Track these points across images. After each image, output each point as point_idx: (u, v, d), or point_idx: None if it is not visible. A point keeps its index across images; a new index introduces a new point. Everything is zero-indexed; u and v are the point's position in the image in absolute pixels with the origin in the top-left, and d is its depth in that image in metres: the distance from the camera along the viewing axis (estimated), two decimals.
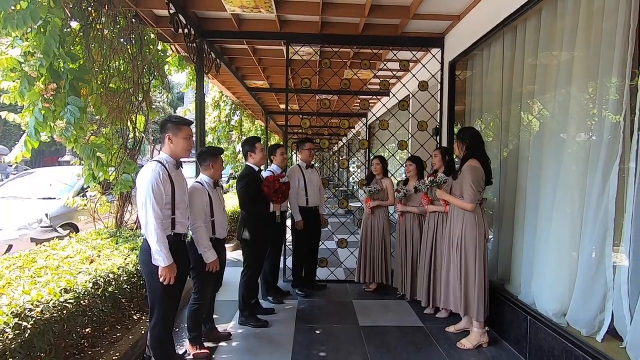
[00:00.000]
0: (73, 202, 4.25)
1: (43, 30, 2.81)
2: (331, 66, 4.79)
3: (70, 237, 3.64)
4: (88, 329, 2.80)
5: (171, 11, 3.59)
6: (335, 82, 5.81)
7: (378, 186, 4.35)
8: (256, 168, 3.59)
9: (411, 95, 5.01)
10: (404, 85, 4.95)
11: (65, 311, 2.27)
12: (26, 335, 1.96)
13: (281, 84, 7.19)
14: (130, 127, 4.23)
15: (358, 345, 3.19)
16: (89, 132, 3.95)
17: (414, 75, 4.81)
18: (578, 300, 2.53)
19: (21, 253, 3.01)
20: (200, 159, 3.03)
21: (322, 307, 4.02)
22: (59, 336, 2.29)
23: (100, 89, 3.69)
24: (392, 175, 4.83)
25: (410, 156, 4.19)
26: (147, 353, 2.66)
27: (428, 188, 3.37)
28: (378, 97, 6.96)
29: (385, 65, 4.92)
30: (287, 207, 4.23)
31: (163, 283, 2.38)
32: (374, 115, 6.37)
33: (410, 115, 4.99)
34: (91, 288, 2.58)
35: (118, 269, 2.97)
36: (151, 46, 4.32)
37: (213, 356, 2.96)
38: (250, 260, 3.54)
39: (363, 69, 5.05)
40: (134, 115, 4.23)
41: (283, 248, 4.46)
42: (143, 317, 3.32)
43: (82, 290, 2.47)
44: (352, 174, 13.46)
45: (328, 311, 3.92)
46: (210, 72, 5.07)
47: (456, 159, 3.66)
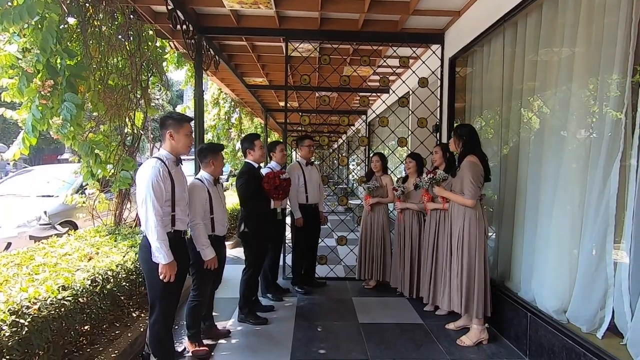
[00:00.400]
0: (72, 200, 4.24)
1: (40, 26, 2.78)
2: (330, 63, 4.77)
3: (69, 235, 3.63)
4: (87, 327, 2.79)
5: (169, 7, 3.56)
6: (334, 79, 5.79)
7: (377, 183, 4.33)
8: (256, 165, 3.57)
9: (411, 92, 4.98)
10: (404, 82, 4.93)
11: (63, 309, 2.26)
12: (23, 332, 1.95)
13: (280, 81, 7.17)
14: (128, 124, 4.21)
15: (358, 342, 3.19)
16: (88, 130, 3.94)
17: (414, 72, 4.79)
18: (578, 297, 2.52)
19: (19, 251, 2.99)
20: (200, 156, 3.01)
21: (322, 305, 4.02)
22: (57, 334, 2.28)
23: (98, 86, 3.66)
24: (392, 172, 4.81)
25: (410, 153, 4.18)
26: (146, 350, 2.65)
27: (428, 185, 3.34)
28: (378, 95, 6.95)
29: (385, 61, 4.90)
30: (287, 205, 4.21)
31: (163, 280, 2.37)
32: (374, 112, 6.35)
33: (410, 112, 4.97)
34: (89, 285, 2.57)
35: (116, 267, 2.96)
36: (149, 43, 4.29)
37: (212, 353, 2.95)
38: (251, 258, 3.53)
39: (363, 66, 5.02)
40: (133, 112, 4.21)
41: (283, 245, 4.45)
42: (142, 315, 3.31)
43: (80, 287, 2.46)
44: (352, 172, 13.45)
45: (328, 308, 3.91)
46: (209, 69, 5.05)
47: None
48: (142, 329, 3.01)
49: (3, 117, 3.33)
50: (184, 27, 3.96)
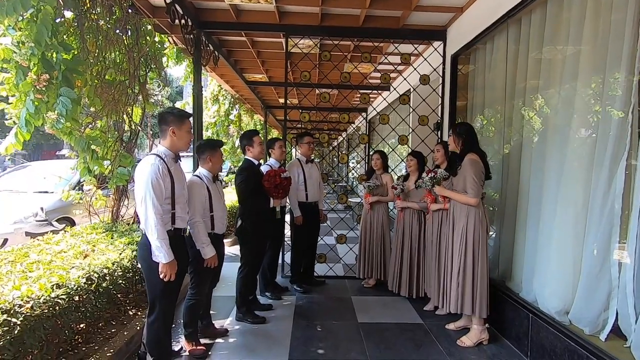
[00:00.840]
0: (68, 196, 4.18)
1: (35, 19, 2.72)
2: (331, 59, 4.71)
3: (65, 232, 3.58)
4: (82, 325, 2.75)
5: (168, 1, 3.51)
6: (335, 76, 5.73)
7: (377, 181, 4.29)
8: (255, 162, 3.52)
9: (412, 89, 4.93)
10: (405, 79, 4.87)
11: (57, 307, 2.22)
12: (15, 332, 1.90)
13: (280, 78, 7.11)
14: (126, 120, 4.15)
15: (357, 342, 3.15)
16: (84, 125, 3.89)
17: (416, 68, 4.73)
18: (581, 298, 2.48)
19: (14, 247, 2.95)
20: (198, 152, 2.96)
21: (321, 304, 3.98)
22: (51, 332, 2.24)
23: (95, 81, 3.61)
24: (393, 170, 4.76)
25: (411, 151, 4.13)
26: (142, 350, 2.61)
27: (430, 185, 3.28)
28: (379, 92, 6.89)
29: (386, 58, 4.84)
30: (286, 202, 4.17)
31: (163, 279, 2.33)
32: (374, 109, 6.29)
33: (411, 109, 4.92)
34: (84, 283, 2.52)
35: (112, 264, 2.91)
36: (148, 37, 4.23)
37: (209, 353, 2.92)
38: (248, 256, 3.49)
39: (364, 62, 4.97)
40: (130, 107, 4.16)
41: (282, 243, 4.40)
42: (139, 313, 3.27)
43: (75, 286, 2.41)
44: (352, 170, 13.40)
45: (326, 307, 3.87)
46: (208, 65, 4.99)
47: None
48: (139, 328, 2.96)
49: (2, 112, 3.27)
50: (183, 22, 3.91)
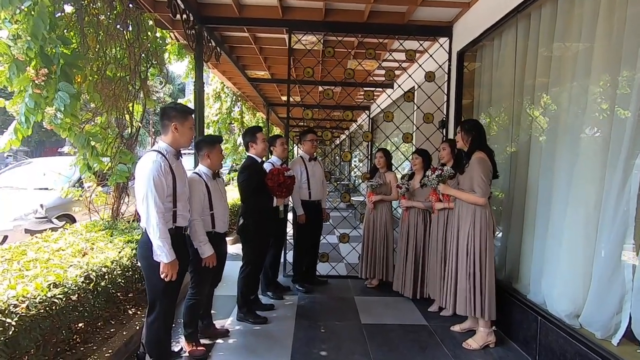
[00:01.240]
0: (67, 193, 4.13)
1: (33, 12, 2.66)
2: (335, 55, 4.64)
3: (64, 229, 3.53)
4: (81, 324, 2.70)
5: None
6: (338, 73, 5.66)
7: (381, 180, 4.22)
8: (258, 159, 3.46)
9: (417, 86, 4.85)
10: (410, 75, 4.79)
11: (53, 307, 2.16)
12: (10, 332, 1.85)
13: (283, 75, 7.03)
14: (126, 116, 4.09)
15: (360, 343, 3.09)
16: (84, 121, 3.83)
17: (421, 65, 4.65)
18: (593, 301, 2.40)
19: (11, 245, 2.90)
20: (196, 149, 2.91)
21: (323, 304, 3.92)
22: (48, 332, 2.19)
23: (95, 76, 3.55)
24: (397, 169, 4.69)
25: (416, 149, 4.05)
26: (141, 350, 2.56)
27: (435, 183, 3.18)
28: (382, 89, 6.80)
29: (390, 54, 4.76)
30: (289, 201, 4.10)
31: (164, 279, 2.28)
32: (379, 106, 6.22)
33: (415, 107, 4.83)
34: (82, 282, 2.47)
35: (112, 263, 2.85)
36: (149, 33, 4.16)
37: (210, 354, 2.86)
38: (250, 255, 3.42)
39: (368, 59, 4.88)
40: (131, 103, 4.10)
41: (284, 242, 4.34)
42: (138, 312, 3.22)
43: (73, 285, 2.36)
44: (354, 168, 13.31)
45: (329, 308, 3.81)
46: (209, 61, 4.92)
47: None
48: (138, 328, 2.91)
49: (3, 108, 3.22)
50: (184, 17, 3.84)
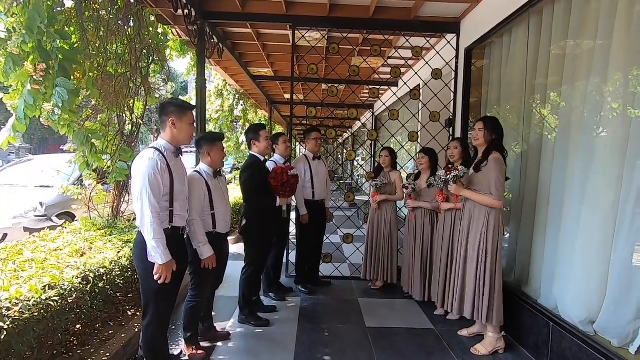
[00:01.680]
0: (67, 190, 4.06)
1: (29, 5, 2.58)
2: (339, 52, 4.54)
3: (63, 228, 3.46)
4: (78, 326, 2.63)
5: None
6: (342, 70, 5.56)
7: (386, 179, 4.12)
8: (261, 157, 3.37)
9: (423, 83, 4.75)
10: (416, 73, 4.69)
11: (48, 310, 2.09)
12: (2, 337, 1.77)
13: (285, 72, 6.95)
14: (127, 113, 4.02)
15: (365, 347, 3.00)
16: (84, 118, 3.76)
17: (427, 62, 4.55)
18: (609, 307, 2.31)
19: (7, 244, 2.83)
20: (197, 147, 2.83)
21: (327, 306, 3.84)
22: (44, 334, 2.11)
23: (94, 72, 3.47)
24: (402, 168, 4.59)
25: (423, 148, 3.95)
26: (140, 354, 2.48)
27: (446, 182, 3.04)
28: (388, 87, 6.70)
29: (397, 51, 4.66)
30: (292, 200, 4.01)
31: (158, 281, 2.20)
32: (384, 104, 6.11)
33: (422, 104, 4.73)
34: (79, 284, 2.39)
35: (110, 263, 2.78)
36: (150, 28, 4.08)
37: (211, 357, 2.78)
38: (253, 255, 3.34)
39: (373, 56, 4.78)
40: (132, 100, 4.02)
41: (287, 242, 4.26)
42: (138, 313, 3.14)
43: (69, 286, 2.28)
44: (357, 167, 13.21)
45: (333, 310, 3.73)
46: (212, 58, 4.84)
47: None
48: (137, 330, 2.83)
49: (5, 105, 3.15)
50: (186, 12, 3.76)
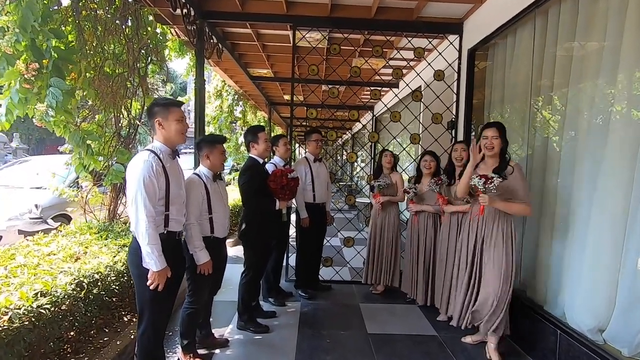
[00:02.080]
0: (63, 193, 3.98)
1: (23, 3, 2.51)
2: (340, 53, 4.48)
3: (58, 231, 3.38)
4: (72, 333, 2.55)
5: None
6: (343, 71, 5.49)
7: (388, 180, 4.05)
8: (260, 160, 3.30)
9: (424, 85, 4.69)
10: (418, 74, 4.63)
11: (40, 318, 2.01)
12: None
13: (286, 73, 6.88)
14: (124, 114, 3.94)
15: (367, 354, 2.93)
16: (80, 119, 3.69)
17: (430, 63, 4.49)
18: (619, 315, 2.24)
19: (0, 248, 2.75)
20: (197, 149, 2.76)
21: (327, 311, 3.76)
22: (35, 343, 2.03)
23: (90, 72, 3.39)
24: (404, 170, 4.53)
25: (428, 151, 3.87)
26: None
27: (491, 190, 2.58)
28: (389, 88, 6.64)
29: (398, 52, 4.60)
30: (292, 203, 3.94)
31: (151, 287, 2.12)
32: (385, 105, 6.05)
33: (424, 106, 4.66)
34: (72, 290, 2.31)
35: (105, 268, 2.70)
36: (149, 28, 4.02)
37: None
38: (252, 259, 3.27)
39: (375, 56, 4.72)
40: (129, 101, 3.95)
41: (287, 246, 4.18)
42: (134, 319, 3.06)
43: (62, 293, 2.21)
44: (357, 169, 13.14)
45: (333, 315, 3.65)
46: (211, 58, 4.77)
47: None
48: (133, 337, 2.76)
49: None
50: (185, 11, 3.69)
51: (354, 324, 3.45)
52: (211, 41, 4.46)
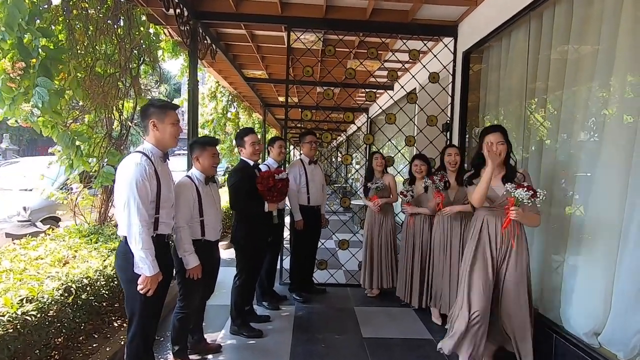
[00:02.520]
0: (51, 195, 3.90)
1: (9, 1, 2.45)
2: (335, 54, 4.46)
3: (46, 234, 3.31)
4: (59, 339, 2.48)
5: None
6: (338, 73, 5.47)
7: (383, 182, 4.03)
8: (250, 162, 3.26)
9: (419, 87, 4.68)
10: (413, 76, 4.62)
11: (26, 325, 1.95)
12: None
13: (280, 75, 6.85)
14: (116, 115, 3.88)
15: (362, 359, 2.90)
16: (70, 119, 3.62)
17: (424, 66, 4.48)
18: (615, 318, 2.23)
19: None
20: (189, 151, 2.71)
21: (322, 314, 3.72)
22: (21, 351, 1.97)
23: (81, 72, 3.33)
24: (399, 173, 4.51)
25: (419, 154, 3.87)
26: None
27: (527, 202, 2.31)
28: (384, 90, 6.63)
29: (393, 54, 4.59)
30: (284, 205, 3.90)
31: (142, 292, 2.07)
32: (380, 107, 6.04)
33: (419, 108, 4.66)
34: (60, 296, 2.25)
35: (95, 273, 2.64)
36: (141, 28, 3.96)
37: None
38: (244, 263, 3.22)
39: (370, 58, 4.71)
40: (121, 102, 3.89)
41: (280, 249, 4.14)
42: (124, 325, 3.00)
43: (49, 299, 2.14)
44: (352, 171, 13.11)
45: (328, 319, 3.61)
46: (205, 59, 4.72)
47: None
48: (123, 342, 2.70)
49: None
50: (178, 11, 3.64)
51: (349, 328, 3.42)
52: (205, 42, 4.42)
